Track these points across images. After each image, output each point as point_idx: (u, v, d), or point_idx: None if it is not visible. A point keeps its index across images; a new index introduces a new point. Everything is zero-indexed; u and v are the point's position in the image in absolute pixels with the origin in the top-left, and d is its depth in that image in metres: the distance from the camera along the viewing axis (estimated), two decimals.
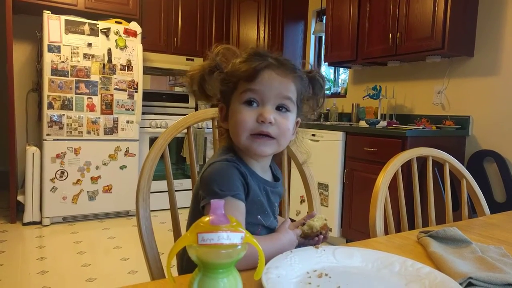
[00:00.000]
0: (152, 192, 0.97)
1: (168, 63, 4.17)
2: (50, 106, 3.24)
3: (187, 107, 4.35)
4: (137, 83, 3.58)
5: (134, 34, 3.56)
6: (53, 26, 3.21)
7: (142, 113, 3.67)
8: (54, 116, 3.26)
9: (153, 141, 1.29)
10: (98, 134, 3.44)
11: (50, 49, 3.21)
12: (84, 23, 3.34)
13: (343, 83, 4.14)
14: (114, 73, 3.48)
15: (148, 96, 4.01)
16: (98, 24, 3.40)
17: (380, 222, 1.06)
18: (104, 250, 2.82)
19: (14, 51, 3.43)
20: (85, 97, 3.37)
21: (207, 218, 0.44)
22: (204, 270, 0.45)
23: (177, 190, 1.46)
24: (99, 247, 2.88)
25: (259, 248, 0.46)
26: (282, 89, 0.75)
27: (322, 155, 3.03)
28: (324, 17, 3.84)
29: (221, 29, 4.52)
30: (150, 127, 3.79)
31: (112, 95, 3.48)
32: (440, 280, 0.60)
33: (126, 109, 3.55)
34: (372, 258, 0.69)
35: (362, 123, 3.26)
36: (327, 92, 4.03)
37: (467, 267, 0.67)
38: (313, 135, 3.11)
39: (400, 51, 2.88)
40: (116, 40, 3.47)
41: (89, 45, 3.36)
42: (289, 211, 3.24)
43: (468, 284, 0.61)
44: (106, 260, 2.63)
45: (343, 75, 4.20)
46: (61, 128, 3.29)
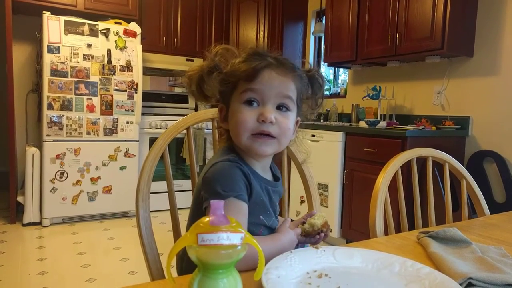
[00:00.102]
0: (152, 193, 0.97)
1: (168, 64, 4.17)
2: (50, 107, 3.24)
3: (187, 108, 4.35)
4: (137, 84, 3.58)
5: (134, 35, 3.56)
6: (53, 27, 3.21)
7: (142, 114, 3.67)
8: (54, 117, 3.26)
9: (153, 142, 1.29)
10: (98, 135, 3.44)
11: (50, 50, 3.21)
12: (84, 24, 3.34)
13: (343, 84, 4.14)
14: (114, 74, 3.48)
15: (148, 97, 4.01)
16: (98, 25, 3.40)
17: (380, 223, 1.06)
18: (104, 251, 2.82)
19: (14, 52, 3.43)
20: (85, 98, 3.37)
21: (207, 219, 0.44)
22: (204, 271, 0.45)
23: (177, 191, 1.46)
24: (99, 248, 2.88)
25: (259, 249, 0.46)
26: (282, 88, 0.75)
27: (322, 156, 3.03)
28: (324, 18, 3.84)
29: (221, 30, 4.52)
30: (150, 128, 3.79)
31: (112, 96, 3.48)
32: (440, 281, 0.60)
33: (126, 110, 3.55)
34: (372, 259, 0.69)
35: (362, 124, 3.26)
36: (327, 93, 4.03)
37: (467, 268, 0.67)
38: (313, 136, 3.11)
39: (400, 52, 2.88)
40: (116, 41, 3.47)
41: (89, 46, 3.36)
42: (289, 212, 3.23)
43: (468, 285, 0.61)
44: (106, 261, 2.63)
45: (343, 76, 4.20)
46: (61, 129, 3.29)
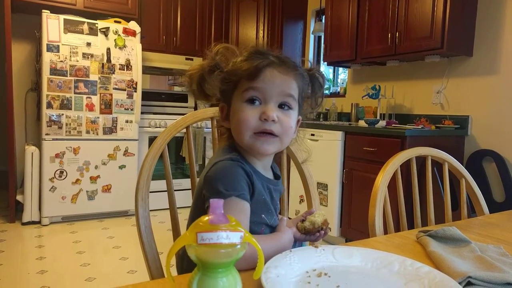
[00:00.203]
0: (151, 192, 0.97)
1: (167, 63, 4.16)
2: (49, 106, 3.23)
3: (186, 107, 4.35)
4: (136, 83, 3.57)
5: (133, 34, 3.55)
6: (52, 26, 3.21)
7: (141, 113, 3.67)
8: (53, 116, 3.25)
9: (152, 141, 1.29)
10: (97, 134, 3.44)
11: (49, 49, 3.21)
12: (83, 23, 3.34)
13: (342, 83, 4.14)
14: (113, 73, 3.48)
15: (147, 96, 4.00)
16: (97, 24, 3.40)
17: (379, 222, 1.06)
18: (103, 250, 2.82)
19: (13, 51, 3.42)
20: (84, 97, 3.36)
21: (207, 218, 0.44)
22: (204, 270, 0.45)
23: (176, 190, 1.46)
24: (98, 247, 2.88)
25: (258, 248, 0.46)
26: (284, 87, 0.75)
27: (321, 155, 3.03)
28: (323, 17, 3.84)
29: (220, 29, 4.52)
30: (149, 127, 3.78)
31: (111, 95, 3.48)
32: (440, 280, 0.60)
33: (125, 109, 3.55)
34: (372, 258, 0.69)
35: (361, 123, 3.26)
36: (327, 92, 4.03)
37: (466, 267, 0.67)
38: (313, 135, 3.11)
39: (399, 51, 2.88)
40: (115, 40, 3.46)
41: (88, 45, 3.36)
42: (288, 211, 3.23)
43: (467, 283, 0.61)
44: (105, 260, 2.63)
45: (342, 75, 4.20)
46: (60, 128, 3.29)
